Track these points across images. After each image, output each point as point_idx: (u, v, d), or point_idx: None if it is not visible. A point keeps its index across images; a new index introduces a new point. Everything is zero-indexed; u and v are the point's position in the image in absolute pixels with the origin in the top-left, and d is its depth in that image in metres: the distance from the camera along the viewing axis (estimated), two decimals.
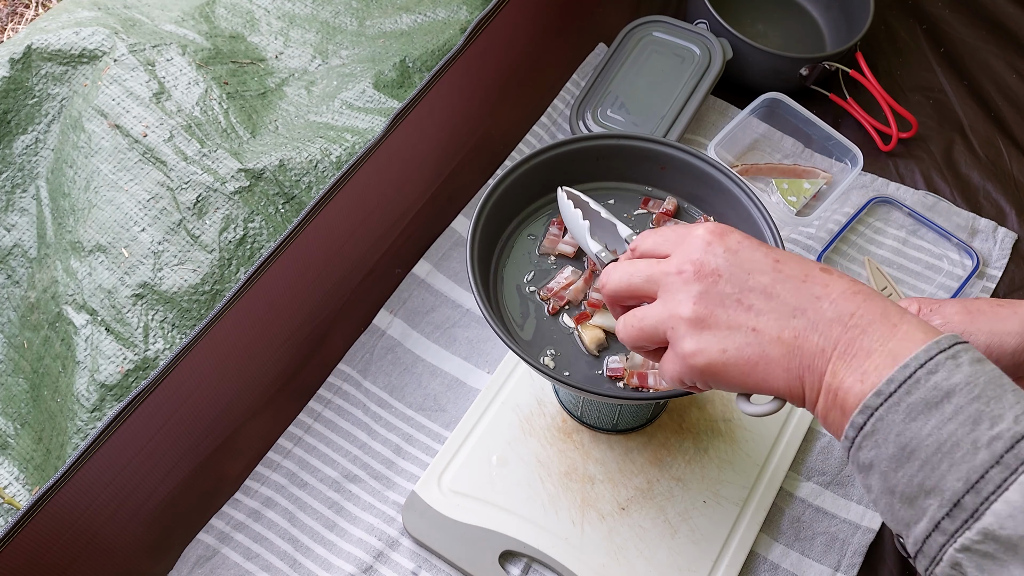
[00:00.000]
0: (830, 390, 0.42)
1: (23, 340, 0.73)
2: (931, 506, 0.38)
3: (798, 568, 0.71)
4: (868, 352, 0.41)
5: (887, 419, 0.39)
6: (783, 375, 0.43)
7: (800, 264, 0.45)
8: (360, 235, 0.80)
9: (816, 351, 0.42)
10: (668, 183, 0.70)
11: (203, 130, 0.76)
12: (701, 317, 0.45)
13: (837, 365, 0.42)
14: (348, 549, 0.71)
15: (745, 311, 0.44)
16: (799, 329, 0.43)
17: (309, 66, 0.87)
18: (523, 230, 0.68)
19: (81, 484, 0.60)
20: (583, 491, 0.71)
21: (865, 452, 0.40)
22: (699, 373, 0.45)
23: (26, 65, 0.77)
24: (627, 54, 0.94)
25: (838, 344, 0.42)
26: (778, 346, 0.43)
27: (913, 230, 0.90)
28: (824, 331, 0.42)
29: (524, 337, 0.63)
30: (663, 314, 0.46)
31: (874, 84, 0.95)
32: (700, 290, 0.45)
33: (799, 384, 0.43)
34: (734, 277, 0.45)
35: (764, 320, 0.44)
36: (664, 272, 0.47)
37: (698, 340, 0.45)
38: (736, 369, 0.44)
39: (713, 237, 0.46)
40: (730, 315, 0.44)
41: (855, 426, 0.40)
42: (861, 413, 0.40)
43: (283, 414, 0.76)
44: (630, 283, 0.49)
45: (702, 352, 0.44)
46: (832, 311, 0.43)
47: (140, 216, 0.72)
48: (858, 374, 0.41)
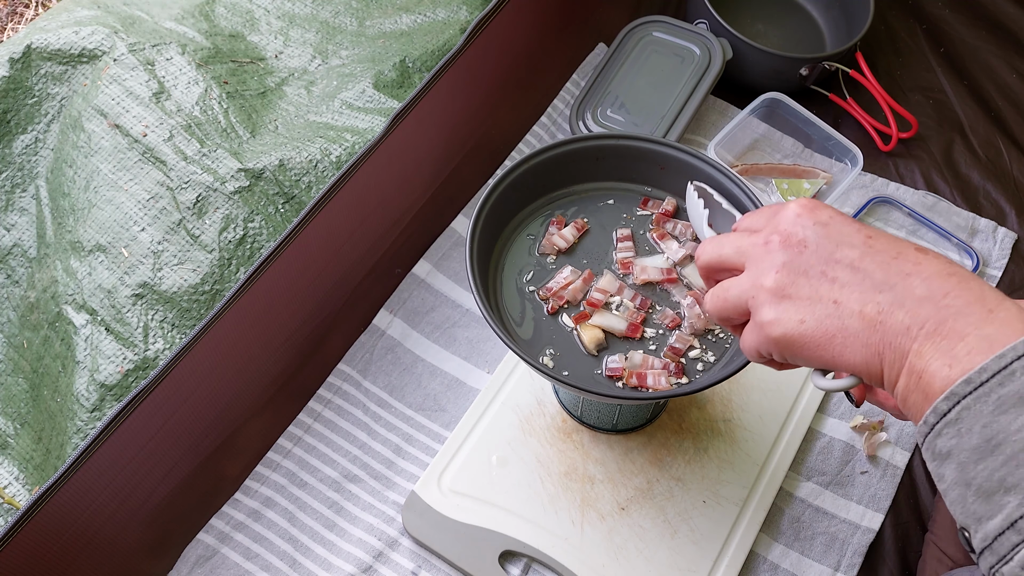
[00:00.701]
0: (913, 371, 0.40)
1: (23, 340, 0.73)
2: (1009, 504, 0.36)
3: (798, 568, 0.71)
4: (961, 335, 0.39)
5: (974, 409, 0.37)
6: (861, 350, 0.41)
7: (893, 241, 0.44)
8: (360, 235, 0.79)
9: (900, 329, 0.40)
10: (668, 183, 0.70)
11: (203, 130, 0.76)
12: (782, 286, 0.44)
13: (924, 345, 0.40)
14: (348, 549, 0.71)
15: (829, 283, 0.43)
16: (884, 304, 0.41)
17: (309, 66, 0.87)
18: (523, 230, 0.68)
19: (81, 484, 0.60)
20: (583, 491, 0.71)
21: (945, 440, 0.38)
22: (775, 343, 0.44)
23: (26, 65, 0.77)
24: (627, 54, 0.94)
25: (926, 324, 0.40)
26: (859, 320, 0.41)
27: (913, 230, 0.89)
28: (912, 309, 0.40)
29: (523, 337, 0.63)
30: (746, 284, 0.46)
31: (874, 84, 0.95)
32: (785, 260, 0.44)
33: (878, 361, 0.41)
34: (821, 249, 0.44)
35: (847, 293, 0.42)
36: (752, 243, 0.46)
37: (777, 309, 0.44)
38: (812, 341, 0.43)
39: (804, 210, 0.45)
40: (812, 286, 0.43)
41: (938, 412, 0.38)
42: (947, 400, 0.38)
43: (283, 414, 0.76)
44: (720, 254, 0.49)
45: (779, 322, 0.44)
46: (923, 289, 0.41)
47: (140, 216, 0.72)
48: (947, 358, 0.39)
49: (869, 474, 0.75)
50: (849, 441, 0.76)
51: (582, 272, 0.65)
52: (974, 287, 0.40)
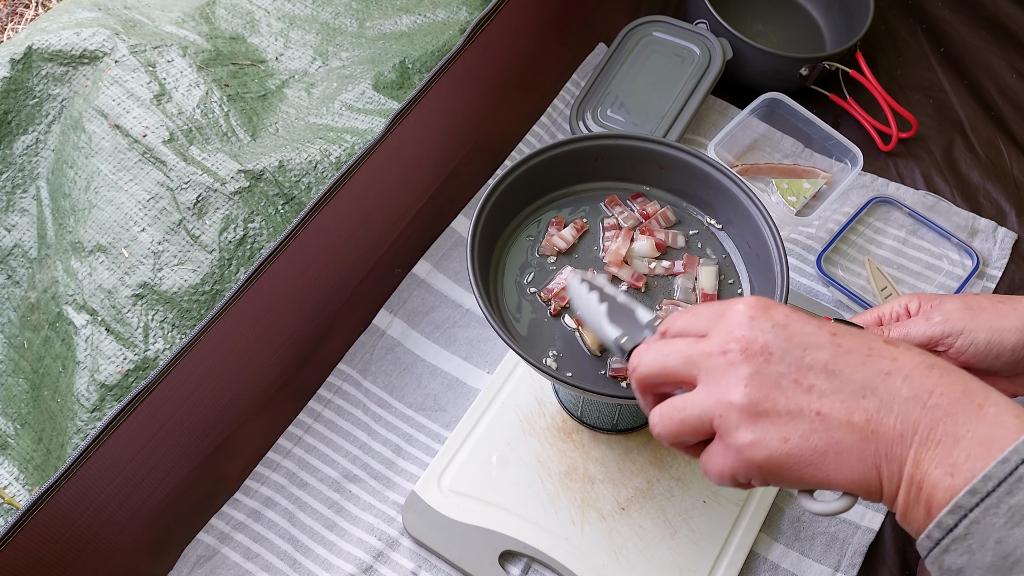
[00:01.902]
0: (912, 482, 0.37)
1: (23, 340, 0.73)
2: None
3: (798, 568, 0.71)
4: (955, 439, 0.36)
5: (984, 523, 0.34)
6: (857, 465, 0.38)
7: (860, 336, 0.40)
8: (360, 235, 0.80)
9: (894, 436, 0.37)
10: (667, 183, 0.70)
11: (203, 132, 0.76)
12: (755, 402, 0.39)
13: (920, 453, 0.36)
14: (348, 549, 0.71)
15: (806, 392, 0.39)
16: (871, 411, 0.38)
17: (309, 68, 0.87)
18: (523, 231, 0.68)
19: (81, 484, 0.60)
20: (583, 491, 0.71)
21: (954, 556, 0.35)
22: (757, 468, 0.40)
23: (27, 65, 0.77)
24: (627, 54, 0.94)
25: (918, 428, 0.37)
26: (849, 431, 0.38)
27: (913, 230, 0.89)
28: (901, 413, 0.37)
29: (526, 338, 0.63)
30: (708, 401, 0.40)
31: (874, 84, 0.95)
32: (750, 371, 0.39)
33: (876, 475, 0.38)
34: (788, 355, 0.39)
35: (829, 402, 0.38)
36: (705, 353, 0.41)
37: (754, 430, 0.39)
38: (801, 461, 0.38)
39: (756, 311, 0.41)
40: (789, 399, 0.39)
41: (943, 527, 0.35)
42: (951, 513, 0.35)
43: (283, 414, 0.76)
44: (665, 365, 0.43)
45: (760, 443, 0.39)
46: (907, 389, 0.37)
47: (140, 216, 0.72)
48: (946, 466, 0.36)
49: None
50: None
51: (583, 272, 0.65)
52: (957, 380, 0.38)
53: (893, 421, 0.37)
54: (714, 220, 0.69)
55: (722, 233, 0.69)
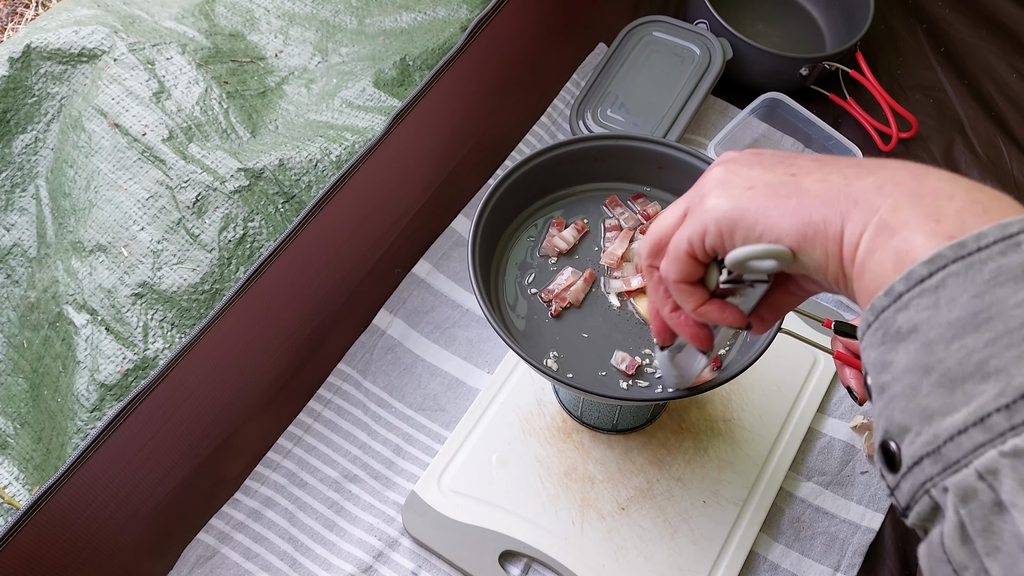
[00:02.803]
0: (886, 227, 0.33)
1: (23, 340, 0.73)
2: (984, 393, 0.29)
3: (798, 568, 0.71)
4: (949, 195, 0.32)
5: (965, 276, 0.30)
6: (819, 208, 0.35)
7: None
8: (360, 235, 0.79)
9: (872, 187, 0.34)
10: (666, 182, 0.70)
11: (203, 130, 0.76)
12: (730, 171, 0.39)
13: (901, 201, 0.33)
14: (348, 549, 0.71)
15: (785, 166, 0.38)
16: (851, 176, 0.35)
17: (309, 64, 0.87)
18: (523, 232, 0.68)
19: (81, 484, 0.60)
20: (583, 491, 0.71)
21: (911, 313, 0.31)
22: (716, 220, 0.38)
23: (25, 64, 0.76)
24: (627, 54, 0.94)
25: (903, 183, 0.33)
26: (821, 184, 0.36)
27: None
28: (884, 175, 0.34)
29: (526, 338, 0.63)
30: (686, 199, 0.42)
31: (874, 84, 0.95)
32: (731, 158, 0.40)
33: (838, 220, 0.35)
34: (775, 155, 0.40)
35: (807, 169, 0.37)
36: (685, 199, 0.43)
37: (721, 190, 0.39)
38: (761, 207, 0.37)
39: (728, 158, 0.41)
40: (766, 165, 0.39)
41: (912, 278, 0.31)
42: (929, 263, 0.31)
43: (283, 414, 0.76)
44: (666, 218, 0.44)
45: (724, 192, 0.38)
46: (894, 164, 0.35)
47: (139, 215, 0.72)
48: (933, 212, 0.32)
49: (869, 474, 0.75)
50: (849, 441, 0.76)
51: (583, 273, 0.65)
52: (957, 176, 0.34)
53: (873, 179, 0.35)
54: None
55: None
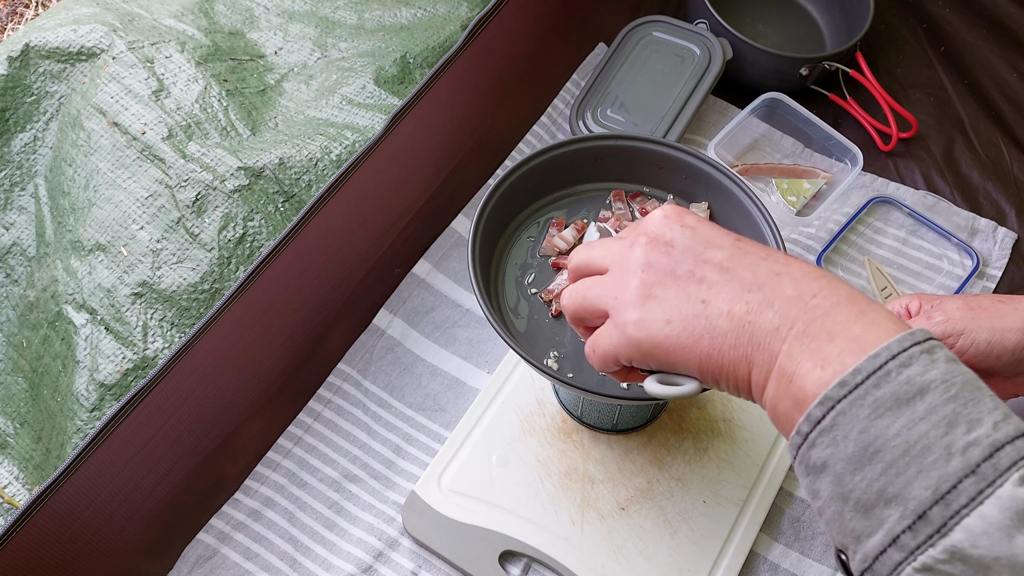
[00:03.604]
0: (784, 374, 0.37)
1: (22, 339, 0.73)
2: (891, 517, 0.33)
3: (798, 568, 0.71)
4: (831, 335, 0.37)
5: (850, 413, 0.35)
6: (729, 352, 0.39)
7: (762, 246, 0.42)
8: (360, 235, 0.79)
9: (770, 328, 0.38)
10: (666, 183, 0.70)
11: (202, 128, 0.76)
12: (649, 285, 0.42)
13: (794, 347, 0.37)
14: (348, 549, 0.70)
15: (697, 283, 0.41)
16: (753, 304, 0.39)
17: (308, 60, 0.87)
18: (523, 232, 0.68)
19: (80, 483, 0.60)
20: (583, 491, 0.71)
21: (819, 451, 0.36)
22: (637, 346, 0.42)
23: (24, 63, 0.76)
24: (627, 54, 0.94)
25: (796, 323, 0.38)
26: (728, 320, 0.39)
27: (913, 230, 0.89)
28: (781, 309, 0.38)
29: (526, 338, 0.63)
30: (609, 284, 0.44)
31: (874, 84, 0.95)
32: (650, 260, 0.42)
33: (746, 364, 0.39)
34: (689, 250, 0.42)
35: (715, 292, 0.40)
36: (619, 247, 0.45)
37: (641, 309, 0.42)
38: (679, 344, 0.40)
39: (670, 213, 0.44)
40: (680, 286, 0.41)
41: (811, 419, 0.36)
42: (820, 405, 0.35)
43: (283, 414, 0.76)
44: (588, 256, 0.47)
45: (643, 322, 0.41)
46: (792, 289, 0.39)
47: (139, 214, 0.71)
48: (818, 358, 0.36)
49: None
50: None
51: None
52: (843, 289, 0.39)
53: (771, 315, 0.39)
54: (713, 221, 0.69)
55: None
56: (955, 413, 0.33)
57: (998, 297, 0.58)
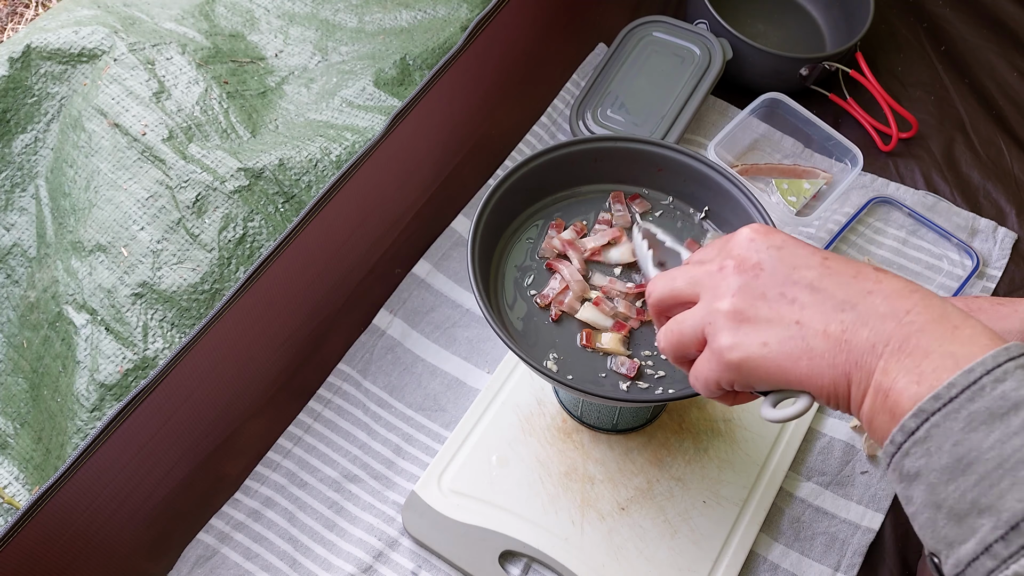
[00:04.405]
0: (880, 390, 0.39)
1: (23, 340, 0.73)
2: (983, 526, 0.35)
3: (798, 568, 0.71)
4: (926, 352, 0.38)
5: (944, 426, 0.36)
6: (828, 371, 0.40)
7: (850, 262, 0.43)
8: (360, 235, 0.79)
9: (866, 346, 0.39)
10: (665, 184, 0.70)
11: (203, 130, 0.76)
12: (740, 310, 0.42)
13: (889, 363, 0.39)
14: (348, 549, 0.71)
15: (789, 304, 0.42)
16: (847, 323, 0.40)
17: (309, 63, 0.87)
18: (523, 233, 0.68)
19: (80, 484, 0.60)
20: (583, 491, 0.71)
21: (913, 460, 0.37)
22: (736, 369, 0.43)
23: (25, 64, 0.77)
24: (627, 54, 0.94)
25: (891, 340, 0.39)
26: (824, 340, 0.40)
27: (913, 230, 0.89)
28: (875, 326, 0.39)
29: (526, 340, 0.63)
30: (702, 312, 0.44)
31: (874, 84, 0.95)
32: (741, 283, 0.43)
33: (845, 382, 0.40)
34: (777, 271, 0.43)
35: (809, 313, 0.41)
36: (706, 272, 0.45)
37: (737, 334, 0.42)
38: (776, 364, 0.41)
39: (756, 234, 0.44)
40: (772, 307, 0.42)
41: (905, 430, 0.37)
42: (915, 417, 0.37)
43: (283, 414, 0.76)
44: (672, 287, 0.47)
45: (740, 346, 0.42)
46: (885, 306, 0.40)
47: (139, 215, 0.72)
48: (914, 375, 0.37)
49: (869, 474, 0.75)
50: (849, 441, 0.76)
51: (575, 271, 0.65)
52: (936, 304, 0.40)
53: (867, 333, 0.40)
54: (713, 222, 0.69)
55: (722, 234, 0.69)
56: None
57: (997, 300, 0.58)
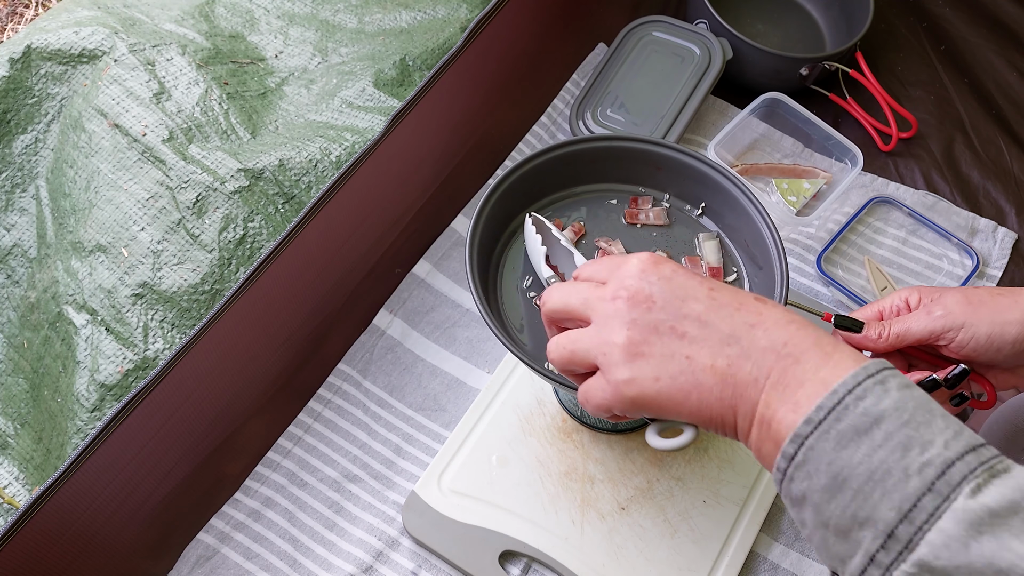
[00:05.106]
0: (763, 421, 0.41)
1: (23, 340, 0.73)
2: (865, 538, 0.37)
3: (798, 568, 0.71)
4: (800, 382, 0.40)
5: (818, 448, 0.38)
6: (716, 404, 0.42)
7: (734, 293, 0.45)
8: (360, 235, 0.79)
9: (749, 380, 0.42)
10: (664, 184, 0.70)
11: (203, 131, 0.76)
12: (635, 344, 0.44)
13: (770, 395, 0.41)
14: (348, 549, 0.71)
15: (679, 339, 0.43)
16: (733, 357, 0.42)
17: (309, 64, 0.87)
18: (520, 235, 0.68)
19: (81, 484, 0.60)
20: (583, 491, 0.71)
21: (797, 484, 0.39)
22: (630, 402, 0.44)
23: (25, 65, 0.77)
24: (627, 54, 0.94)
25: (771, 373, 0.41)
26: (712, 375, 0.42)
27: (913, 230, 0.89)
28: (757, 360, 0.42)
29: (526, 341, 0.63)
30: (596, 339, 0.45)
31: (874, 84, 0.95)
32: (634, 317, 0.44)
33: (732, 414, 0.42)
34: (668, 304, 0.44)
35: (698, 348, 0.43)
36: (599, 297, 0.46)
37: (631, 368, 0.44)
38: (669, 398, 0.43)
39: (647, 265, 0.46)
40: (664, 343, 0.43)
41: (786, 456, 0.39)
42: (792, 442, 0.39)
43: (283, 414, 0.76)
44: (567, 304, 0.48)
45: (634, 381, 0.43)
46: (765, 339, 0.42)
47: (139, 215, 0.72)
48: (791, 404, 0.40)
49: None
50: None
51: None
52: (811, 334, 0.42)
53: (750, 367, 0.42)
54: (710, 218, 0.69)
55: (723, 236, 0.69)
56: (909, 437, 0.37)
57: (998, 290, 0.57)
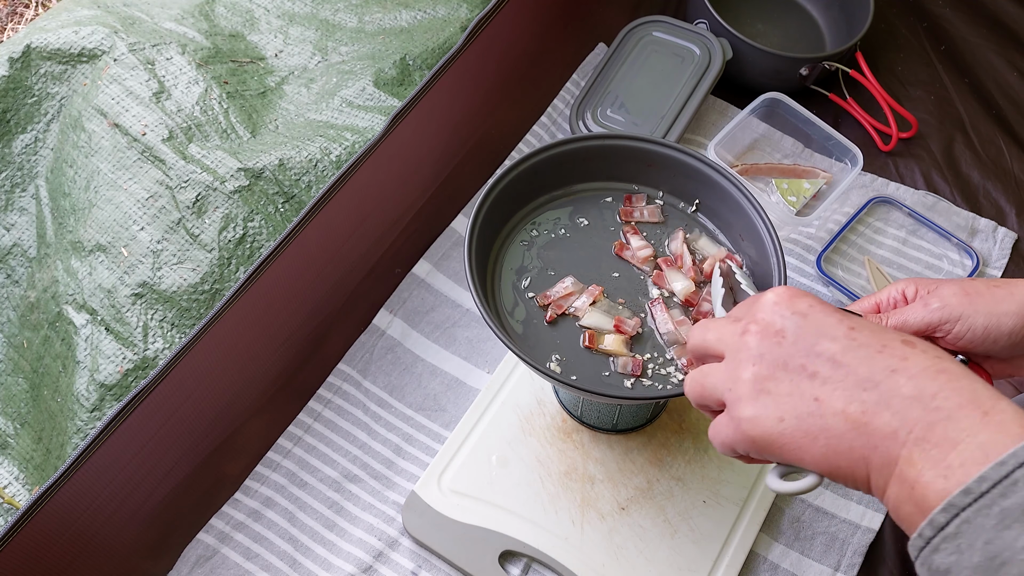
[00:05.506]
0: (905, 481, 0.37)
1: (23, 340, 0.73)
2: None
3: (798, 568, 0.71)
4: (954, 443, 0.36)
5: (975, 522, 0.34)
6: (846, 453, 0.39)
7: (878, 333, 0.41)
8: (360, 235, 0.79)
9: (887, 432, 0.38)
10: (658, 181, 0.70)
11: (203, 130, 0.76)
12: (761, 379, 0.41)
13: (914, 452, 0.37)
14: (348, 549, 0.71)
15: (809, 378, 0.40)
16: (869, 404, 0.38)
17: (309, 63, 0.87)
18: (516, 235, 0.68)
19: (81, 484, 0.60)
20: (583, 491, 0.71)
21: (943, 556, 0.35)
22: (752, 442, 0.42)
23: (25, 64, 0.77)
24: (627, 54, 0.94)
25: (915, 428, 0.37)
26: (843, 420, 0.39)
27: (913, 230, 0.89)
28: (899, 410, 0.38)
29: (525, 341, 0.63)
30: (724, 374, 0.44)
31: (874, 84, 0.95)
32: (762, 351, 0.42)
33: (864, 466, 0.39)
34: (800, 340, 0.41)
35: (829, 390, 0.40)
36: (732, 332, 0.45)
37: (755, 406, 0.41)
38: (792, 442, 0.40)
39: (782, 299, 0.43)
40: (792, 381, 0.41)
41: (935, 525, 0.35)
42: (944, 512, 0.35)
43: (283, 414, 0.76)
44: (704, 340, 0.47)
45: (758, 420, 0.41)
46: (910, 388, 0.38)
47: (139, 215, 0.72)
48: (941, 467, 0.36)
49: None
50: None
51: (586, 286, 0.65)
52: (965, 386, 0.38)
53: (889, 417, 0.38)
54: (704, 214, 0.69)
55: (719, 233, 0.69)
56: None
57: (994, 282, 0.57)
